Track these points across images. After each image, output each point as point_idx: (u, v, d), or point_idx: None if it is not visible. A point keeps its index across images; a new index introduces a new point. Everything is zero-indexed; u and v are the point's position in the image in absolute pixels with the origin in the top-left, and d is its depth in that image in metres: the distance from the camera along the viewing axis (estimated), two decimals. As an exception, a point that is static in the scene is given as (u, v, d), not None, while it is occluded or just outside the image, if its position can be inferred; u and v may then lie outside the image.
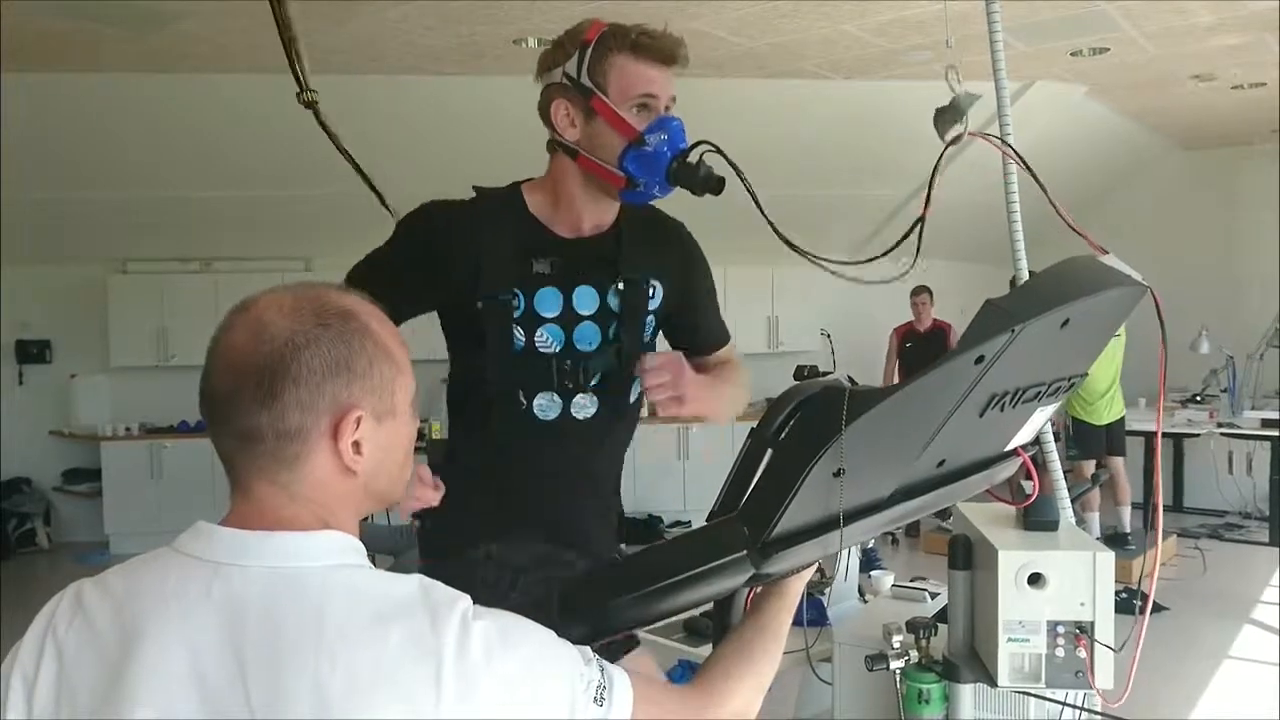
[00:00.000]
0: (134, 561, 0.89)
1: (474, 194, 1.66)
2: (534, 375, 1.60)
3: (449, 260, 1.58)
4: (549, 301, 1.60)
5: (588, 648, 0.92)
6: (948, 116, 1.72)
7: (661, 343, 1.79)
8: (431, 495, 1.46)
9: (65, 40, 4.61)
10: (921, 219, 1.55)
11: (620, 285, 1.64)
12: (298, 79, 1.82)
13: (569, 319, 1.61)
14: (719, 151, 1.52)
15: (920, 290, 7.13)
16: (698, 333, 1.82)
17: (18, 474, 7.40)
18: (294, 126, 6.33)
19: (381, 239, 1.74)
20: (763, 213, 1.59)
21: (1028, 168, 1.70)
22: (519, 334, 1.59)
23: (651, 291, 1.69)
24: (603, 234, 1.65)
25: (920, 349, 7.04)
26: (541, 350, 1.60)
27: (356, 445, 0.88)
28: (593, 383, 1.63)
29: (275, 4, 1.86)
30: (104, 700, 0.81)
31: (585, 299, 1.63)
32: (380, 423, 0.89)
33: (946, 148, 1.63)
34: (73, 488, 7.48)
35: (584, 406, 1.64)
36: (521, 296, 1.59)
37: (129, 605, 0.84)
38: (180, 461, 7.07)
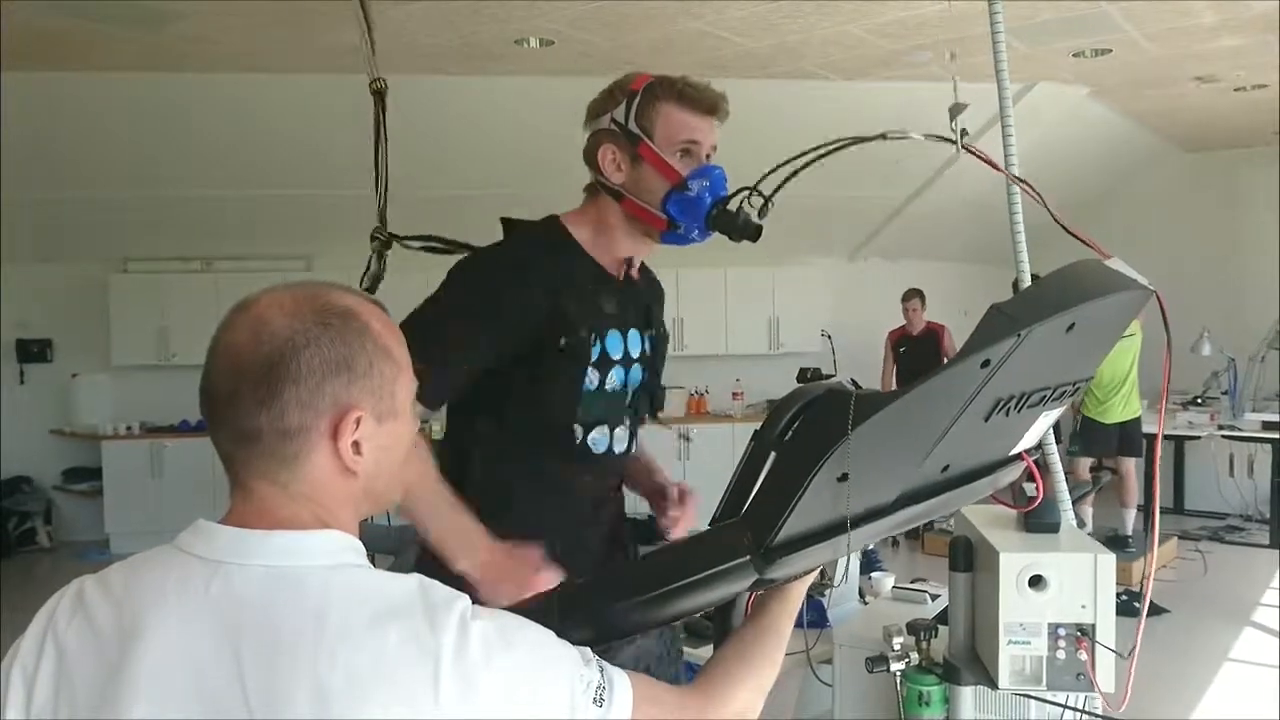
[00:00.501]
0: (135, 559, 0.89)
1: (504, 225, 1.69)
2: (593, 415, 1.66)
3: (526, 307, 1.57)
4: (615, 343, 1.67)
5: (588, 649, 0.92)
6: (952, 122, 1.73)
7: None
8: (553, 576, 1.45)
9: (66, 39, 4.61)
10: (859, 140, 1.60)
11: (655, 331, 1.76)
12: (372, 64, 1.96)
13: (628, 360, 1.70)
14: (758, 193, 1.59)
15: (912, 295, 7.08)
16: (660, 391, 1.91)
17: (18, 473, 7.40)
18: (295, 126, 6.37)
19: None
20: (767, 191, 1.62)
21: (1023, 181, 1.69)
22: (594, 375, 1.64)
23: (669, 337, 1.85)
24: (635, 278, 1.75)
25: (914, 353, 7.01)
26: (609, 390, 1.68)
27: (356, 445, 0.87)
28: (628, 420, 1.74)
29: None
30: (103, 697, 0.81)
31: (635, 341, 1.71)
32: (381, 423, 0.89)
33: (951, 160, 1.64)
34: (73, 487, 7.48)
35: (621, 440, 1.73)
36: (597, 339, 1.64)
37: (129, 603, 0.84)
38: (181, 461, 7.08)
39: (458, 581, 0.87)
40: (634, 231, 1.66)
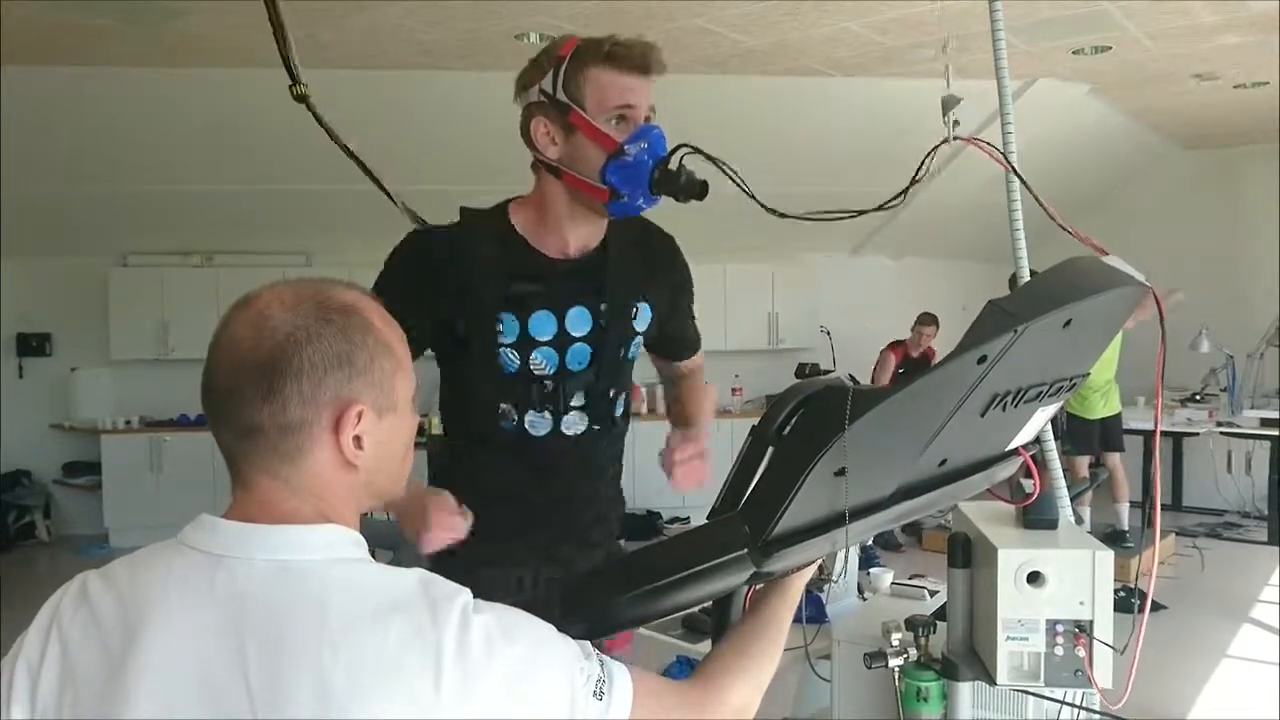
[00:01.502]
0: (138, 554, 0.89)
1: (459, 215, 1.67)
2: (525, 397, 1.63)
3: (438, 285, 1.58)
4: (543, 324, 1.62)
5: (588, 642, 0.92)
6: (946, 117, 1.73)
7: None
8: (458, 523, 1.47)
9: (67, 34, 4.61)
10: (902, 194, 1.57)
11: (604, 309, 1.66)
12: (290, 72, 1.81)
13: (563, 341, 1.64)
14: (698, 151, 1.52)
15: (928, 320, 6.93)
16: (676, 344, 1.89)
17: (18, 467, 7.40)
18: (295, 121, 6.32)
19: (383, 233, 1.74)
20: (750, 194, 1.60)
21: (1017, 174, 1.70)
22: (514, 356, 1.61)
23: (636, 313, 1.72)
24: (591, 254, 1.66)
25: (909, 375, 6.88)
26: (536, 372, 1.63)
27: (358, 440, 0.88)
28: (577, 403, 1.67)
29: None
30: (107, 691, 0.82)
31: (579, 321, 1.65)
32: (381, 418, 0.90)
33: (934, 149, 1.64)
34: (73, 481, 7.48)
35: (574, 424, 1.68)
36: (515, 320, 1.60)
37: (133, 597, 0.85)
38: (180, 455, 7.08)
39: (461, 576, 0.88)
40: (579, 206, 1.59)
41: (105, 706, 0.81)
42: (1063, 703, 1.78)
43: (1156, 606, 5.13)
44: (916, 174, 1.65)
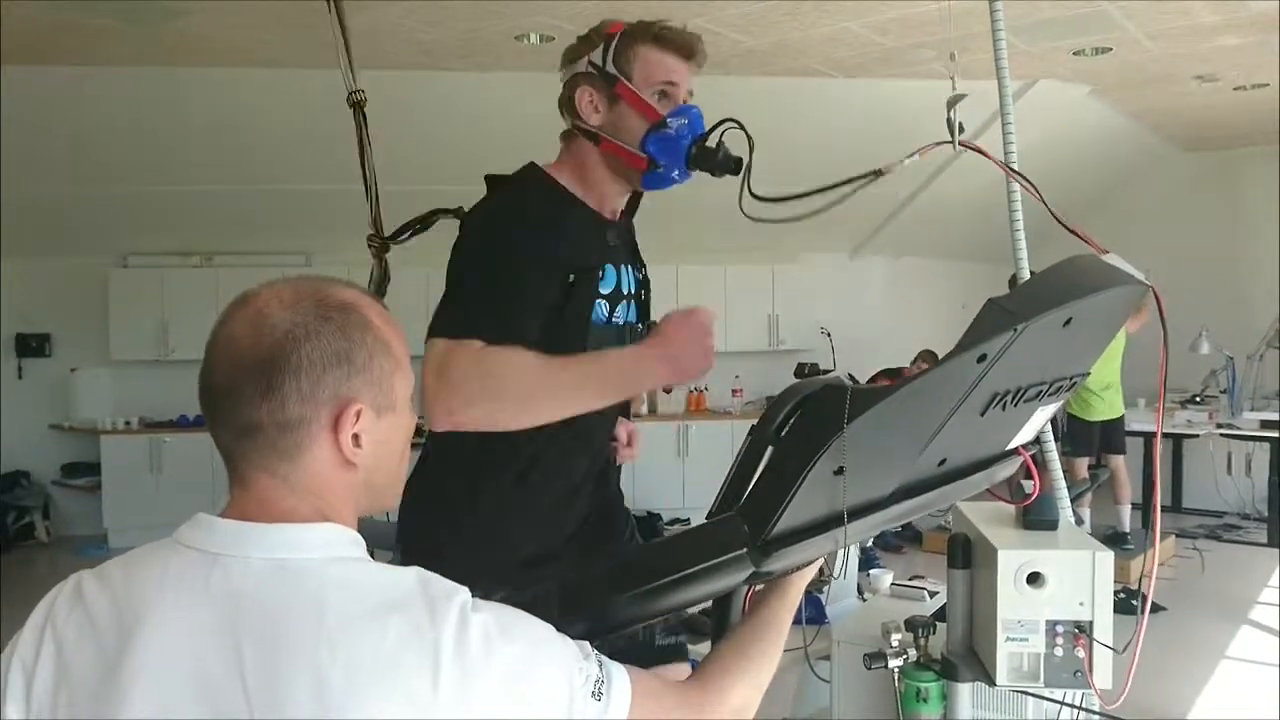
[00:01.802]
0: (134, 553, 0.89)
1: (488, 181, 1.67)
2: (611, 346, 1.63)
3: (549, 245, 1.55)
4: (611, 278, 1.65)
5: (586, 643, 0.92)
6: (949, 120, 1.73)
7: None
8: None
9: (67, 34, 4.61)
10: (876, 173, 1.58)
11: (643, 270, 1.75)
12: (350, 77, 1.88)
13: (626, 295, 1.69)
14: (741, 128, 1.59)
15: (929, 356, 7.03)
16: None
17: (17, 467, 7.39)
18: (295, 121, 6.37)
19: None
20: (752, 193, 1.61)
21: (1018, 175, 1.70)
22: (604, 307, 1.63)
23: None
24: (620, 219, 1.73)
25: None
26: (616, 323, 1.67)
27: (356, 438, 0.88)
28: None
29: (334, 3, 1.92)
30: (102, 690, 0.81)
31: (627, 279, 1.70)
32: (380, 416, 0.90)
33: (930, 146, 1.64)
34: (72, 481, 7.47)
35: None
36: (610, 269, 1.63)
37: (128, 596, 0.84)
38: (180, 455, 7.07)
39: (455, 575, 0.87)
40: (614, 174, 1.64)
41: (100, 706, 0.81)
42: (1062, 703, 1.78)
43: (1156, 608, 5.12)
44: (907, 157, 1.66)
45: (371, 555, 0.90)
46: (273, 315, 0.86)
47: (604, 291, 1.62)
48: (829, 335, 7.41)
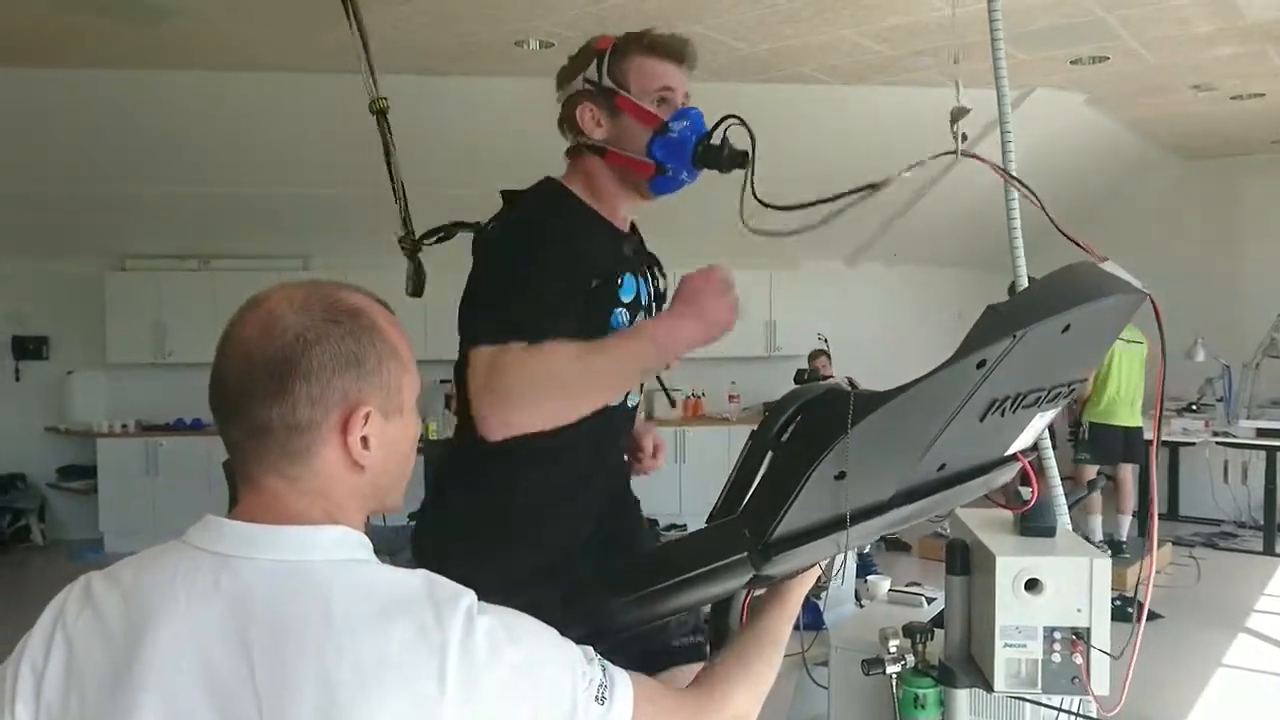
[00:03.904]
0: (143, 555, 0.90)
1: (504, 196, 1.67)
2: None
3: (572, 256, 1.56)
4: (631, 287, 1.66)
5: (590, 647, 0.92)
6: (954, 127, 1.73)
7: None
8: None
9: (64, 35, 4.61)
10: (873, 186, 1.58)
11: (660, 279, 1.76)
12: (373, 84, 1.89)
13: (644, 305, 1.69)
14: (742, 123, 1.62)
15: (819, 356, 7.28)
16: None
17: (13, 470, 7.38)
18: (294, 124, 6.36)
19: (380, 236, 1.74)
20: (755, 195, 1.63)
21: (1020, 184, 1.70)
22: (625, 315, 1.63)
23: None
24: (630, 231, 1.75)
25: None
26: None
27: (365, 440, 0.89)
28: None
29: (352, 12, 1.93)
30: (113, 691, 0.82)
31: (645, 289, 1.71)
32: (387, 419, 0.91)
33: (933, 156, 1.65)
34: (68, 484, 7.45)
35: (634, 394, 1.74)
36: (629, 278, 1.64)
37: (138, 597, 0.85)
38: (176, 459, 7.06)
39: (462, 578, 0.88)
40: (623, 185, 1.66)
41: (111, 706, 0.81)
42: (1060, 709, 1.78)
43: (1153, 616, 5.12)
44: (907, 169, 1.66)
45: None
46: (284, 318, 0.87)
47: (625, 299, 1.62)
48: (826, 341, 7.42)
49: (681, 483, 7.52)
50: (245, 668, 0.79)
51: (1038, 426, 1.26)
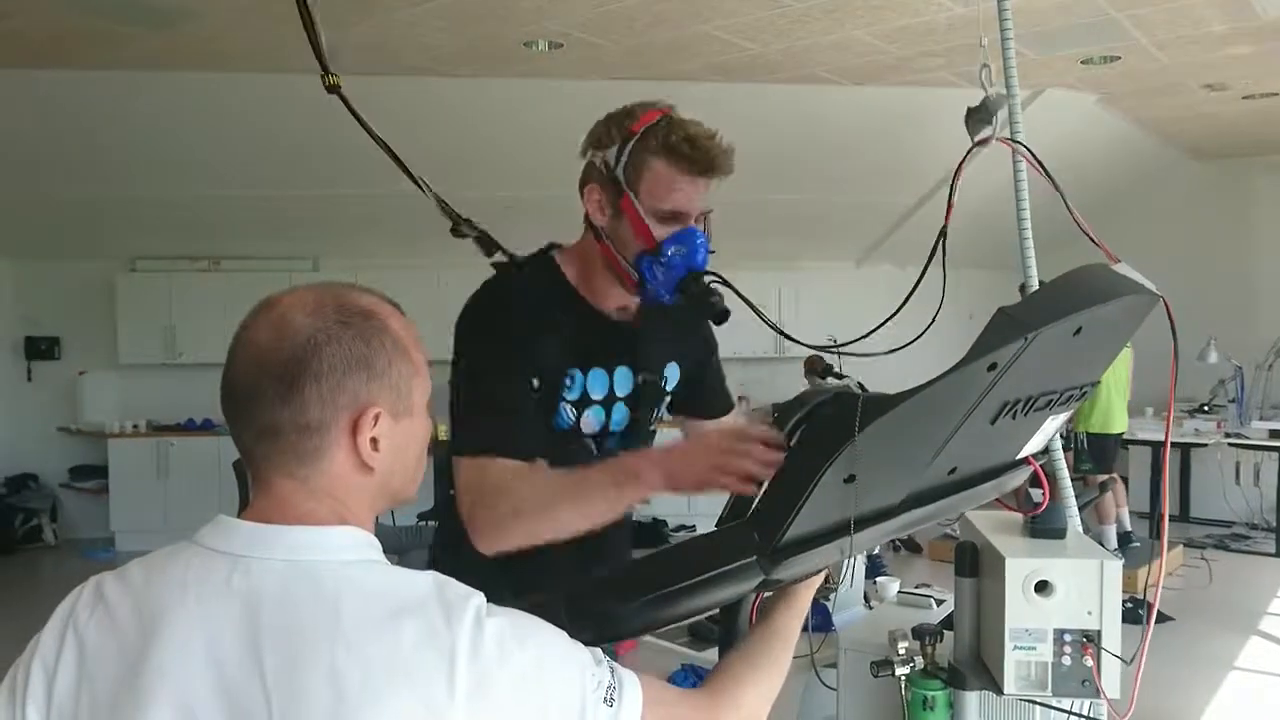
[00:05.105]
0: (155, 554, 0.90)
1: (496, 269, 1.62)
2: (565, 455, 1.54)
3: (526, 338, 1.52)
4: (599, 381, 1.60)
5: (599, 650, 0.92)
6: (979, 116, 1.70)
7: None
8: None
9: (77, 38, 4.63)
10: (943, 233, 1.52)
11: (643, 376, 1.65)
12: (320, 62, 1.78)
13: (610, 399, 1.63)
14: (729, 285, 1.52)
15: (816, 361, 7.27)
16: (706, 404, 1.86)
17: (25, 470, 7.43)
18: (302, 126, 6.37)
19: (389, 237, 1.73)
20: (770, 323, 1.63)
21: (1049, 177, 1.68)
22: (571, 414, 1.59)
23: (667, 375, 1.73)
24: (632, 314, 1.65)
25: None
26: (584, 430, 1.62)
27: (374, 442, 0.89)
28: None
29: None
30: (124, 690, 0.82)
31: (623, 380, 1.63)
32: (397, 421, 0.91)
33: (971, 150, 1.61)
34: (79, 484, 7.50)
35: (612, 440, 1.66)
36: (581, 375, 1.58)
37: (149, 596, 0.85)
38: (186, 459, 7.09)
39: (471, 579, 0.88)
40: (612, 278, 1.57)
41: (122, 706, 0.82)
42: (1070, 713, 1.77)
43: (1164, 618, 5.10)
44: (959, 171, 1.62)
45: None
46: (295, 320, 0.87)
47: (570, 398, 1.57)
48: (835, 342, 7.40)
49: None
50: (255, 667, 0.80)
51: (1049, 430, 1.25)
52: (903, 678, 1.87)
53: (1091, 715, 1.77)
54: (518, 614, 0.87)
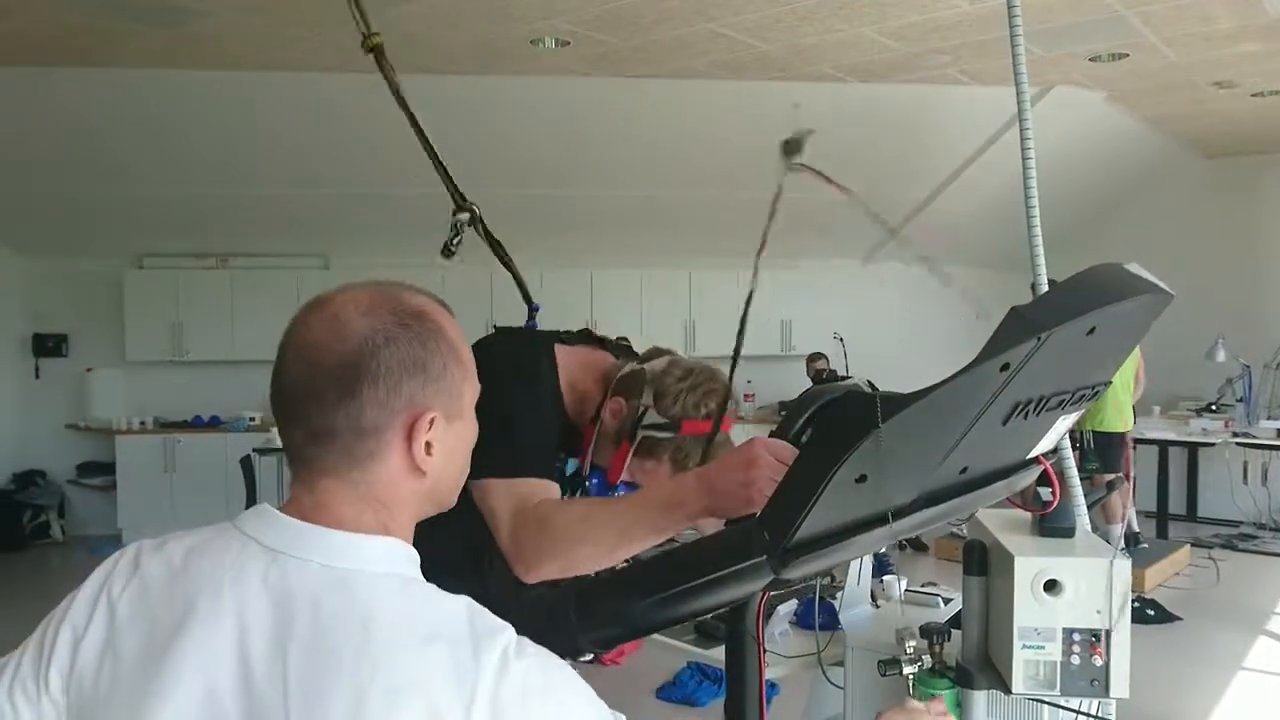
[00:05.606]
0: (196, 534, 0.89)
1: (498, 331, 1.66)
2: None
3: (557, 410, 1.58)
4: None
5: (621, 714, 0.90)
6: (790, 148, 1.69)
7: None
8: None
9: (86, 36, 4.64)
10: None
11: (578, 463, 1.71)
12: (363, 20, 1.78)
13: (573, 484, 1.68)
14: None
15: (818, 358, 7.32)
16: None
17: (33, 466, 7.45)
18: (312, 124, 6.37)
19: (398, 238, 1.73)
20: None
21: (843, 188, 1.67)
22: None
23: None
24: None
25: None
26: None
27: (428, 446, 0.87)
28: None
29: None
30: (147, 668, 0.82)
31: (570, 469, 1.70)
32: (450, 424, 0.89)
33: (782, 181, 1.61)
34: (87, 481, 7.53)
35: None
36: (569, 460, 1.64)
37: (185, 579, 0.85)
38: (194, 456, 7.11)
39: (503, 612, 0.86)
40: (581, 422, 1.63)
41: (143, 684, 0.82)
42: (1079, 712, 1.76)
43: (1172, 618, 5.09)
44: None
45: None
46: (350, 320, 0.85)
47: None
48: (842, 340, 7.40)
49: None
50: (280, 668, 0.79)
51: (1060, 429, 1.24)
52: (910, 677, 1.86)
53: (1100, 715, 1.76)
54: (545, 657, 0.84)
